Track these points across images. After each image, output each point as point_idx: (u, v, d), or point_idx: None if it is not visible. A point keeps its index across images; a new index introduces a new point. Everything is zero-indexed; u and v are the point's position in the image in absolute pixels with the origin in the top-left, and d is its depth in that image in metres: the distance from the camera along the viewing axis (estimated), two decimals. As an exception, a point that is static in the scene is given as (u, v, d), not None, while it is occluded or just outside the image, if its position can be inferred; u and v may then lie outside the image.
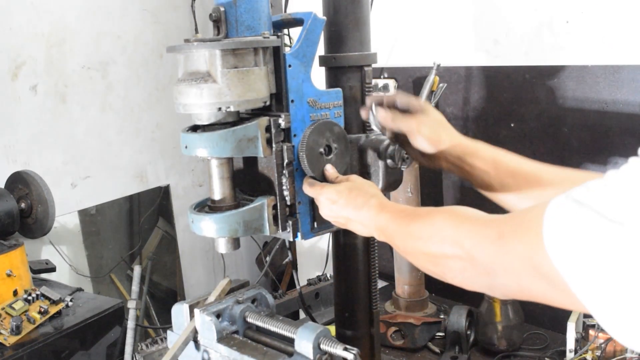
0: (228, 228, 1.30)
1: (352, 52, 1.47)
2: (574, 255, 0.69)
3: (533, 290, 0.80)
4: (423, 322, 2.09)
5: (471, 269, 0.92)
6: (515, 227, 0.83)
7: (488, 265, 0.88)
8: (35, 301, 2.02)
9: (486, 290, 0.95)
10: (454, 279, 0.97)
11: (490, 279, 0.89)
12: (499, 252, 0.85)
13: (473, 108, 2.37)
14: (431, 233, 1.01)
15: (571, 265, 0.70)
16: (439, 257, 0.99)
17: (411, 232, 1.07)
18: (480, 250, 0.89)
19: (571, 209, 0.70)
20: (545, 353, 1.98)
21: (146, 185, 3.13)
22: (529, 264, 0.77)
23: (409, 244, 1.08)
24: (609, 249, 0.65)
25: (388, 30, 2.54)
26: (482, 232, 0.90)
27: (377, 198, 1.22)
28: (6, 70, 2.53)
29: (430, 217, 1.04)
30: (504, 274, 0.85)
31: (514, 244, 0.82)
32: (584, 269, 0.69)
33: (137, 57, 3.00)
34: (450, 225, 0.98)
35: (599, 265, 0.66)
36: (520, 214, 0.85)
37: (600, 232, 0.66)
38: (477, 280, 0.92)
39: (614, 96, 2.00)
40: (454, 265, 0.95)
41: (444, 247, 0.97)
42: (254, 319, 1.40)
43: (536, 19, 2.15)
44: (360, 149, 1.44)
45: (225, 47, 1.24)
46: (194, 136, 1.29)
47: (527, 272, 0.78)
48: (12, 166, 2.49)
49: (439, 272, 1.00)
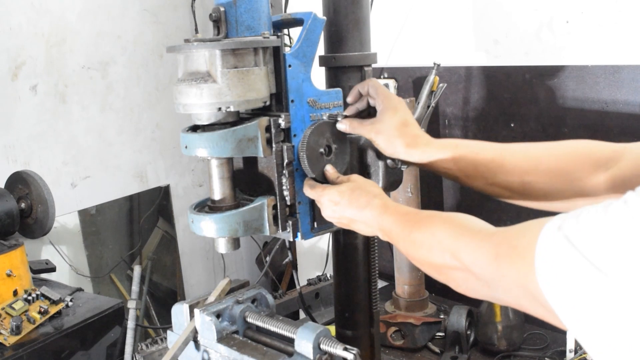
0: (228, 228, 1.30)
1: (352, 52, 1.47)
2: (564, 297, 0.72)
3: (531, 311, 0.81)
4: (423, 322, 2.09)
5: (473, 280, 0.92)
6: (510, 250, 0.82)
7: (487, 281, 0.89)
8: (35, 301, 2.02)
9: (490, 300, 0.95)
10: (458, 287, 0.98)
11: (491, 291, 0.90)
12: (496, 273, 0.86)
13: (473, 108, 2.37)
14: (432, 244, 1.02)
15: (562, 305, 0.72)
16: (441, 267, 1.00)
17: (413, 240, 1.07)
18: (478, 267, 0.90)
19: (562, 250, 0.71)
20: (545, 353, 1.98)
21: (146, 185, 3.13)
22: (525, 289, 0.78)
23: (413, 252, 1.09)
24: (595, 298, 0.67)
25: (388, 30, 2.54)
26: (480, 249, 0.90)
27: (380, 198, 1.22)
28: (6, 70, 2.53)
29: (431, 225, 1.04)
30: (503, 292, 0.86)
31: (509, 269, 0.82)
32: (573, 311, 0.71)
33: (137, 57, 3.00)
34: (449, 236, 0.98)
35: (587, 312, 0.69)
36: (515, 234, 0.84)
37: (586, 280, 0.68)
38: (480, 290, 0.93)
39: (614, 96, 2.00)
40: (457, 276, 0.96)
41: (445, 259, 0.98)
42: (254, 319, 1.40)
43: (536, 19, 2.15)
44: (360, 149, 1.44)
45: (225, 47, 1.24)
46: (194, 136, 1.29)
47: (524, 296, 0.80)
48: (12, 166, 2.49)
49: (444, 280, 1.01)
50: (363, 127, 1.32)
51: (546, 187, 1.17)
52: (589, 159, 1.12)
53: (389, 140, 1.28)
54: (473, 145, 1.26)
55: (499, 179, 1.21)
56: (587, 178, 1.11)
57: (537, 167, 1.17)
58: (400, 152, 1.28)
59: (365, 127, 1.31)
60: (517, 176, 1.19)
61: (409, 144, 1.27)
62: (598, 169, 1.10)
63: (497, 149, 1.23)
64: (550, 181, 1.16)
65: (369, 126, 1.31)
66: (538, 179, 1.17)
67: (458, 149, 1.25)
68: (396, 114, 1.29)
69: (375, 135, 1.30)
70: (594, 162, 1.11)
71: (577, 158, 1.13)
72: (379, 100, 1.31)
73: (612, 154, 1.10)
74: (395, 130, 1.28)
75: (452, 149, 1.25)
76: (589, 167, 1.11)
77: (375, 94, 1.32)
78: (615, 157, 1.08)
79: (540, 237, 0.75)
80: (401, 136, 1.27)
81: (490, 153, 1.23)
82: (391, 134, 1.28)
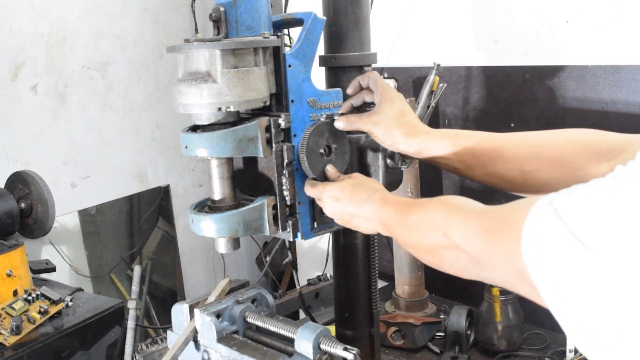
0: (228, 228, 1.30)
1: (352, 52, 1.47)
2: (545, 270, 0.71)
3: (518, 288, 0.80)
4: (423, 322, 2.09)
5: (465, 259, 0.92)
6: (501, 226, 0.82)
7: (477, 258, 0.89)
8: (35, 301, 2.02)
9: (480, 279, 0.95)
10: (450, 268, 0.98)
11: (480, 270, 0.90)
12: (485, 249, 0.86)
13: (473, 108, 2.37)
14: (426, 224, 1.02)
15: (542, 279, 0.71)
16: (434, 247, 1.00)
17: (409, 223, 1.08)
18: (469, 244, 0.90)
19: (549, 222, 0.70)
20: (545, 353, 1.97)
21: (146, 185, 3.13)
22: (512, 266, 0.77)
23: (408, 236, 1.09)
24: (577, 273, 0.66)
25: (388, 30, 2.54)
26: (471, 226, 0.90)
27: (381, 192, 1.22)
28: (6, 70, 2.53)
29: (426, 207, 1.05)
30: (492, 269, 0.86)
31: (498, 243, 0.82)
32: (555, 288, 0.70)
33: (137, 57, 3.00)
34: (442, 215, 0.98)
35: (568, 287, 0.68)
36: (507, 211, 0.83)
37: (570, 254, 0.67)
38: (471, 269, 0.93)
39: (614, 96, 2.00)
40: (449, 255, 0.96)
41: (437, 238, 0.98)
42: (254, 319, 1.40)
43: (536, 19, 2.15)
44: (360, 149, 1.44)
45: (225, 47, 1.24)
46: (194, 136, 1.29)
47: (511, 273, 0.79)
48: (12, 166, 2.49)
49: (437, 262, 1.01)
50: (361, 120, 1.31)
51: (547, 177, 1.15)
52: (591, 149, 1.10)
53: (387, 130, 1.27)
54: (473, 134, 1.25)
55: (498, 168, 1.20)
56: (588, 168, 1.10)
57: (537, 156, 1.16)
58: (400, 142, 1.26)
59: (363, 120, 1.30)
60: (517, 165, 1.18)
61: (408, 133, 1.25)
62: (600, 159, 1.09)
63: (497, 138, 1.22)
64: (551, 170, 1.14)
65: (366, 119, 1.30)
66: (538, 168, 1.16)
67: (458, 138, 1.24)
68: (394, 104, 1.28)
69: (373, 126, 1.28)
70: (596, 152, 1.09)
71: (578, 147, 1.12)
72: (377, 93, 1.30)
73: (615, 144, 1.08)
74: (393, 120, 1.27)
75: (452, 138, 1.24)
76: (590, 157, 1.10)
77: (374, 87, 1.32)
78: (618, 148, 1.07)
79: (531, 211, 0.74)
80: (399, 126, 1.26)
81: (491, 142, 1.21)
82: (389, 124, 1.26)
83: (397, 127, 1.26)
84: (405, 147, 1.27)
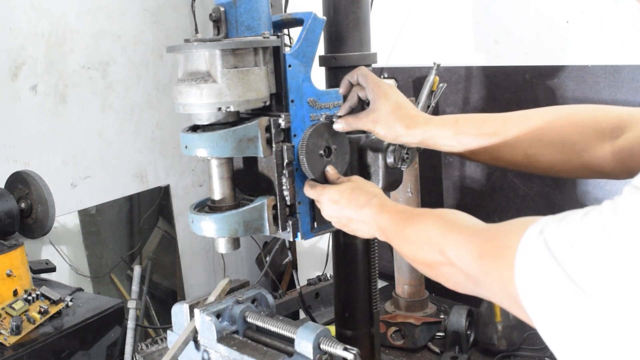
0: (228, 228, 1.30)
1: (352, 52, 1.47)
2: (540, 307, 0.70)
3: (513, 311, 0.80)
4: (423, 322, 2.09)
5: (460, 275, 0.92)
6: (495, 250, 0.82)
7: (472, 277, 0.89)
8: (35, 301, 2.02)
9: (476, 295, 0.95)
10: (447, 282, 0.98)
11: (475, 287, 0.90)
12: (479, 271, 0.86)
13: (473, 108, 2.37)
14: (422, 239, 1.02)
15: (538, 315, 0.71)
16: (430, 262, 1.00)
17: (406, 236, 1.08)
18: (464, 264, 0.90)
19: (540, 256, 0.70)
20: (545, 353, 1.97)
21: (146, 185, 3.13)
22: (506, 291, 0.77)
23: (405, 248, 1.09)
24: (576, 318, 0.66)
25: (388, 30, 2.54)
26: (466, 246, 0.90)
27: (379, 197, 1.22)
28: (6, 70, 2.53)
29: (422, 221, 1.05)
30: (487, 290, 0.86)
31: (491, 269, 0.82)
32: (553, 328, 0.69)
33: (137, 57, 3.00)
34: (438, 232, 0.98)
35: (567, 330, 0.67)
36: (501, 234, 0.83)
37: (567, 297, 0.66)
38: (466, 285, 0.93)
39: (614, 96, 2.00)
40: (445, 271, 0.97)
41: (434, 254, 0.98)
42: (254, 319, 1.40)
43: (536, 19, 2.15)
44: (360, 149, 1.44)
45: (225, 47, 1.24)
46: (194, 136, 1.29)
47: (505, 297, 0.79)
48: (12, 166, 2.49)
49: (434, 276, 1.02)
50: (359, 120, 1.30)
51: (552, 159, 1.14)
52: (594, 129, 1.09)
53: (388, 125, 1.26)
54: (473, 121, 1.23)
55: (502, 153, 1.19)
56: (592, 149, 1.09)
57: (540, 139, 1.15)
58: (402, 135, 1.26)
59: (362, 120, 1.30)
60: (521, 150, 1.17)
61: (409, 125, 1.24)
62: (604, 139, 1.07)
63: (498, 122, 1.20)
64: (555, 153, 1.13)
65: (364, 118, 1.29)
66: (542, 151, 1.15)
67: (458, 124, 1.23)
68: (388, 99, 1.27)
69: (373, 124, 1.28)
70: (599, 131, 1.08)
71: (581, 128, 1.10)
72: (369, 89, 1.29)
73: (619, 121, 1.06)
74: (392, 115, 1.26)
75: (453, 125, 1.23)
76: (593, 137, 1.08)
77: (364, 82, 1.30)
78: (622, 126, 1.05)
79: (523, 239, 0.74)
80: (399, 119, 1.25)
81: (492, 127, 1.20)
82: (388, 120, 1.26)
83: (397, 121, 1.25)
84: (408, 139, 1.27)
